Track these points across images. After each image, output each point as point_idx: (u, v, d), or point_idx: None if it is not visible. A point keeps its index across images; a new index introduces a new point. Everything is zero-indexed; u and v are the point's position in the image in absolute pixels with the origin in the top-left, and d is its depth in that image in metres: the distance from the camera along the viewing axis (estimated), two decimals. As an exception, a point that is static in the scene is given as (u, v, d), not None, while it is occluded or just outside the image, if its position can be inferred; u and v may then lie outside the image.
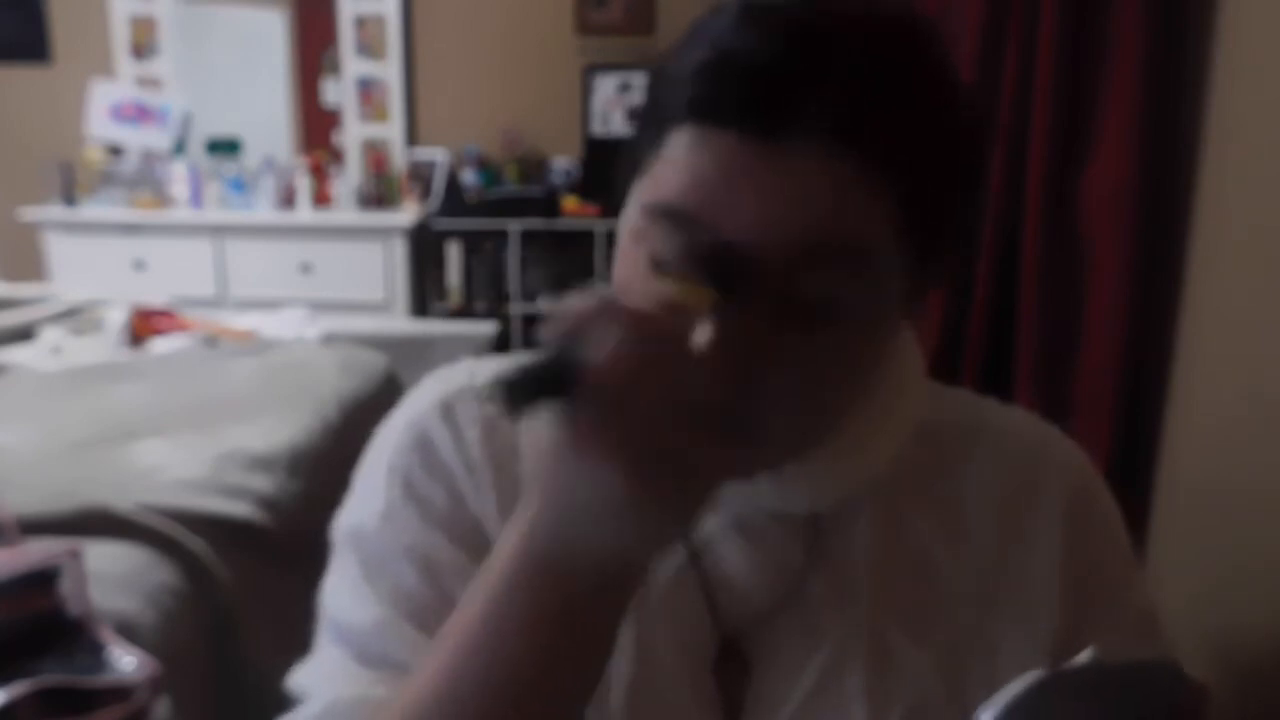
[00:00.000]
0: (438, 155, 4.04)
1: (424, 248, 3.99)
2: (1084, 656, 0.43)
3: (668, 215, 0.51)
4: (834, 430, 0.57)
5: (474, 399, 0.65)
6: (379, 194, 3.98)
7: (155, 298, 2.80)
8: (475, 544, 0.60)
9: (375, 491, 0.63)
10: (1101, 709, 0.43)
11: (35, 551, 1.21)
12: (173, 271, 3.77)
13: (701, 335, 0.46)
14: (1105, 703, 0.43)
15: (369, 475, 0.65)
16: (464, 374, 0.66)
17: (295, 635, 0.64)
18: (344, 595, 0.62)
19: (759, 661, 0.59)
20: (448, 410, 0.64)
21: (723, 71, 0.49)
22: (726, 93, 0.49)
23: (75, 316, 2.57)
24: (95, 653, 1.16)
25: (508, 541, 0.49)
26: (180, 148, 3.99)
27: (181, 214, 3.87)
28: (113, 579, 1.29)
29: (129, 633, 1.22)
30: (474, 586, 0.50)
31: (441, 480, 0.62)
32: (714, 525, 0.60)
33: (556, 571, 0.47)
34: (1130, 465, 1.69)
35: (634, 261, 0.54)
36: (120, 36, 4.04)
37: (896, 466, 0.61)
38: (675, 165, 0.51)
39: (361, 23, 4.04)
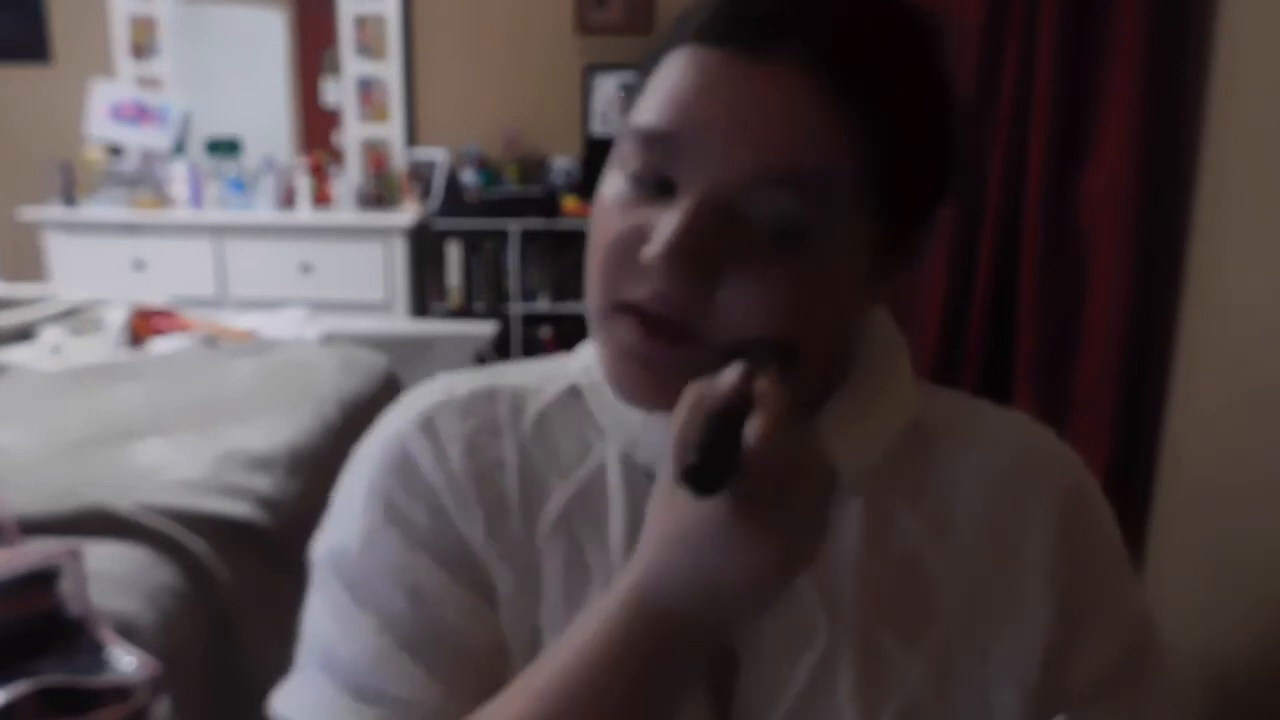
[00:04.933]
0: (438, 155, 4.04)
1: (424, 248, 3.99)
2: None
3: (643, 138, 0.54)
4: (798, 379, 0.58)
5: (455, 413, 0.63)
6: (379, 194, 3.98)
7: (155, 298, 2.80)
8: (460, 563, 0.59)
9: (356, 513, 0.61)
10: None
11: (35, 551, 1.21)
12: (173, 271, 3.76)
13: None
14: None
15: (349, 496, 0.63)
16: (442, 389, 0.65)
17: (295, 635, 0.63)
18: (330, 623, 0.60)
19: (748, 661, 0.58)
20: (428, 425, 0.62)
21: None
22: (724, 15, 0.52)
23: (75, 316, 2.57)
24: (95, 653, 1.16)
25: (612, 596, 0.50)
26: (180, 148, 3.99)
27: (181, 214, 3.87)
28: (113, 579, 1.29)
29: (129, 633, 1.22)
30: (564, 639, 0.52)
31: (423, 499, 0.61)
32: None
33: (669, 629, 0.49)
34: (1130, 465, 1.69)
35: (612, 188, 0.56)
36: (120, 36, 4.04)
37: (886, 465, 0.61)
38: (661, 86, 0.54)
39: (361, 23, 4.03)
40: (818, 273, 0.53)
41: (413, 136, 4.13)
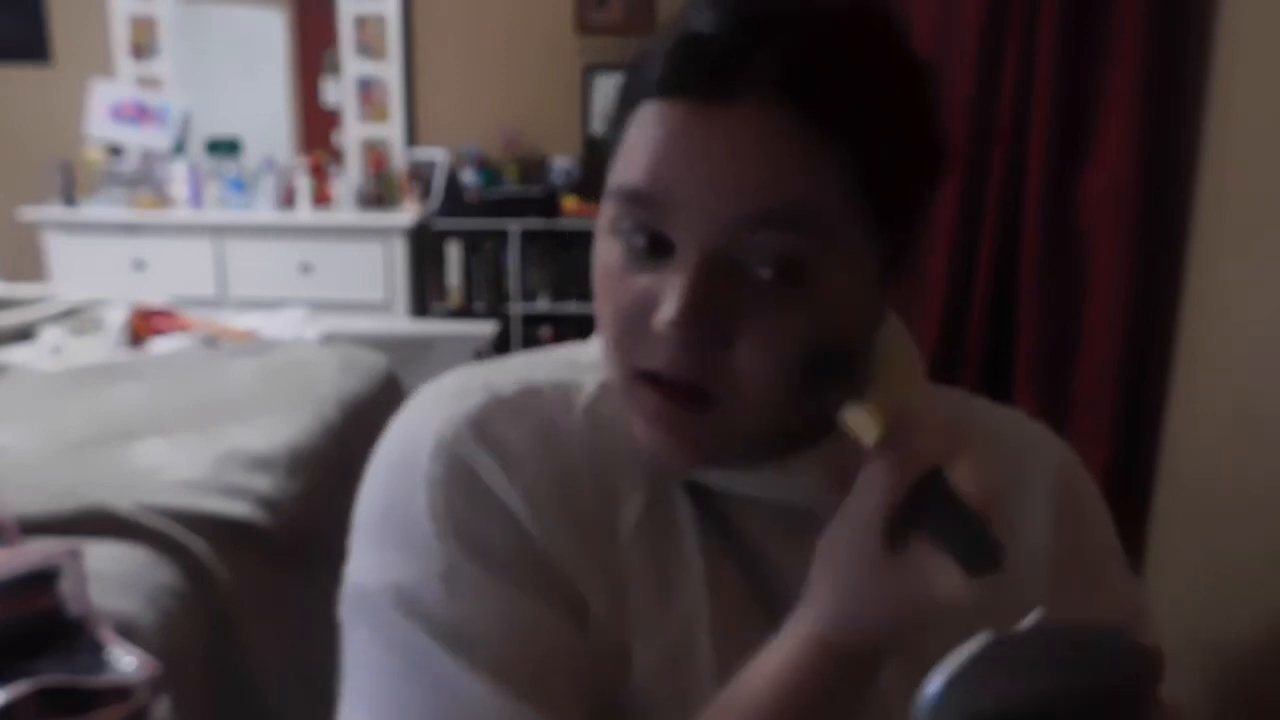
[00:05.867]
0: (438, 155, 4.04)
1: (424, 248, 3.99)
2: (1032, 619, 0.44)
3: (626, 199, 0.53)
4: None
5: (508, 414, 0.58)
6: (379, 194, 3.98)
7: (155, 298, 2.80)
8: (553, 587, 0.55)
9: (425, 546, 0.54)
10: (1053, 670, 0.43)
11: (35, 551, 1.20)
12: (173, 271, 3.77)
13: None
14: (1057, 664, 0.43)
15: (406, 521, 0.55)
16: (480, 386, 0.59)
17: (295, 635, 0.63)
18: (421, 686, 0.52)
19: None
20: (483, 431, 0.57)
21: (678, 47, 0.52)
22: (679, 65, 0.51)
23: (75, 316, 2.57)
24: (95, 653, 1.16)
25: (794, 641, 0.51)
26: (180, 148, 3.99)
27: (181, 214, 3.87)
28: (113, 579, 1.29)
29: (129, 633, 1.22)
30: (741, 683, 0.52)
31: (501, 521, 0.55)
32: (760, 530, 0.59)
33: (853, 659, 0.51)
34: (1130, 465, 1.69)
35: (608, 252, 0.55)
36: (120, 36, 4.04)
37: None
38: (634, 145, 0.53)
39: (361, 23, 4.04)
40: (829, 298, 0.52)
41: (413, 136, 4.13)
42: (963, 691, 0.42)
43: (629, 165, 0.53)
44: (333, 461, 1.80)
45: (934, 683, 0.42)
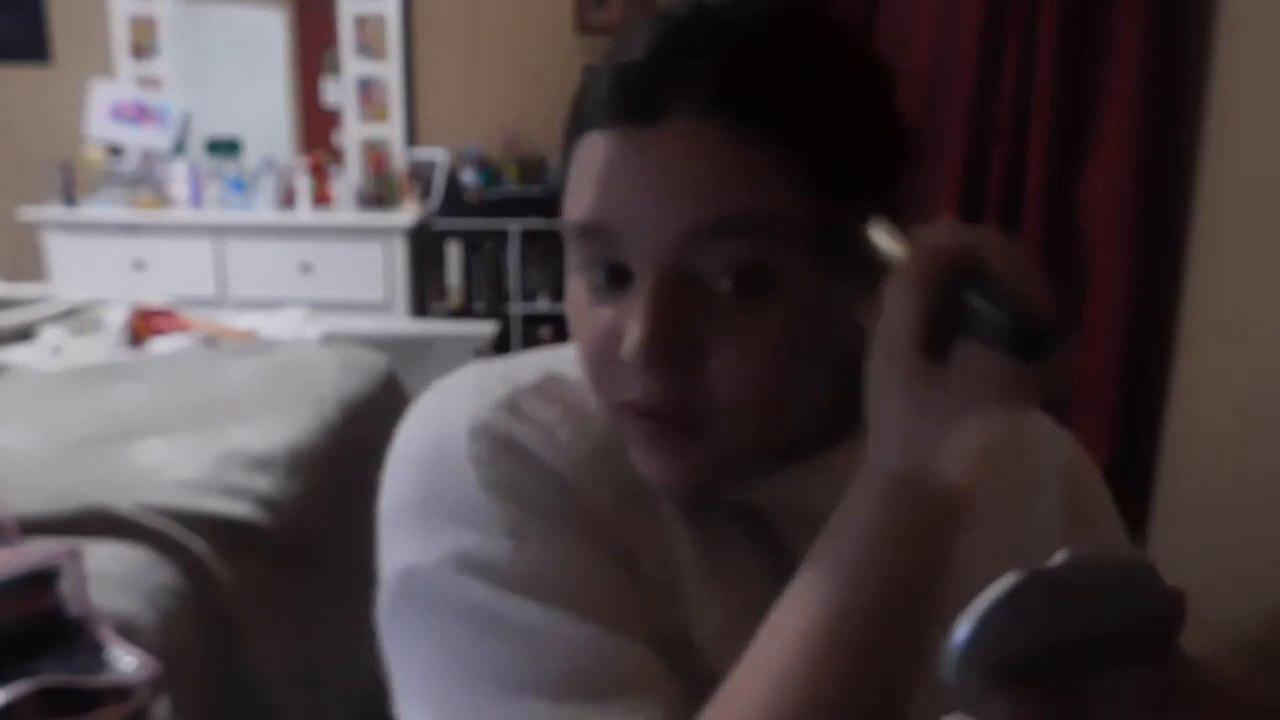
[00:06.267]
0: (438, 155, 4.04)
1: (424, 248, 3.99)
2: (1060, 557, 0.42)
3: (579, 234, 0.54)
4: (811, 406, 0.56)
5: (536, 398, 0.58)
6: (379, 194, 3.98)
7: (155, 298, 2.80)
8: (607, 543, 0.56)
9: (480, 515, 0.54)
10: (1082, 609, 0.42)
11: (35, 551, 1.20)
12: (173, 271, 3.76)
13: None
14: (1086, 603, 0.42)
15: (454, 500, 0.55)
16: (499, 377, 0.60)
17: (295, 635, 0.62)
18: (510, 643, 0.51)
19: None
20: (517, 410, 0.57)
21: (611, 77, 0.53)
22: (612, 95, 0.52)
23: (75, 316, 2.57)
24: (95, 653, 1.16)
25: (872, 492, 0.47)
26: (180, 148, 3.99)
27: (181, 214, 3.87)
28: (113, 579, 1.29)
29: (129, 633, 1.22)
30: (827, 551, 0.48)
31: (550, 482, 0.56)
32: (783, 520, 0.59)
33: (930, 503, 0.47)
34: (1130, 465, 1.69)
35: (575, 289, 0.56)
36: (120, 36, 4.04)
37: None
38: (578, 179, 0.54)
39: (361, 23, 4.04)
40: (804, 300, 0.52)
41: (413, 136, 4.13)
42: (992, 634, 0.40)
43: (576, 201, 0.53)
44: (333, 461, 1.79)
45: (962, 626, 0.41)
